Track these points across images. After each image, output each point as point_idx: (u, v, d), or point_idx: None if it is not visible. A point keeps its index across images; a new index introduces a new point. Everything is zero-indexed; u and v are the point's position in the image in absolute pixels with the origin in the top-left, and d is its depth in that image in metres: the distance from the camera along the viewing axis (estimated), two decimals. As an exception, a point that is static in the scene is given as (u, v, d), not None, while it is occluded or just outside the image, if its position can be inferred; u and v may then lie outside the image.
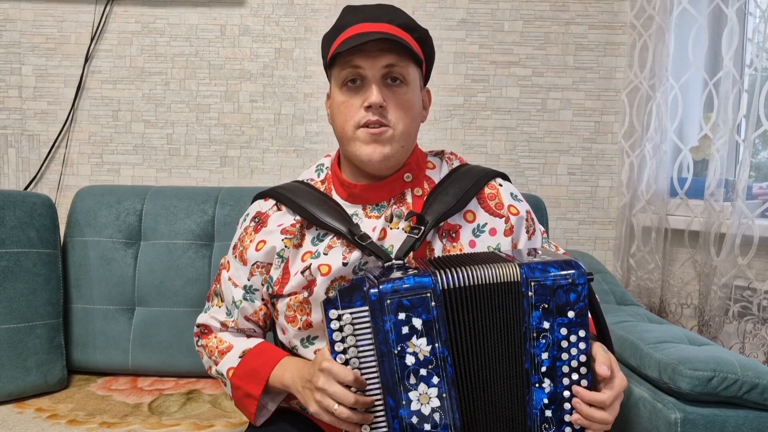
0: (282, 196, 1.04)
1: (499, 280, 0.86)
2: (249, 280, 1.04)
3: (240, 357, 1.03)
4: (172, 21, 1.91)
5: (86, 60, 1.90)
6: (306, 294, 0.98)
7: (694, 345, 1.21)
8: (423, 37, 1.03)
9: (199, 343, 1.11)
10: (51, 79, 1.91)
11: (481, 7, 1.92)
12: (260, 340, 1.07)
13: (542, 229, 1.11)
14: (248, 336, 1.10)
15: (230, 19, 1.91)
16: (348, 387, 0.84)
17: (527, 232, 1.06)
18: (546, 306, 0.86)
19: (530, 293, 0.86)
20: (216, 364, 1.06)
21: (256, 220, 1.06)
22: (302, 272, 0.98)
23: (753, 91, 1.59)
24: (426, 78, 1.08)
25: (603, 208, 1.97)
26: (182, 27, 1.91)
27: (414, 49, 0.97)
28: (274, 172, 1.95)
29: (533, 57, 1.93)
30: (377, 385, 0.84)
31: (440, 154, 1.11)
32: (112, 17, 1.90)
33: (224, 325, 1.08)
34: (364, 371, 0.84)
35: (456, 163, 1.10)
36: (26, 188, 1.93)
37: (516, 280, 0.86)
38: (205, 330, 1.11)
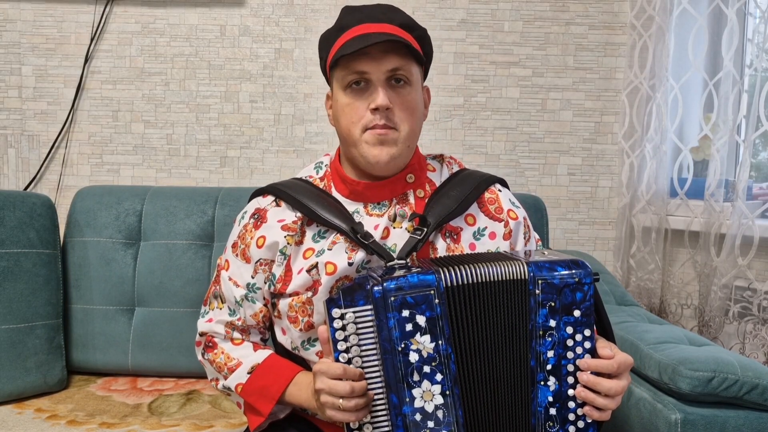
0: (281, 192, 1.04)
1: (506, 278, 0.86)
2: (253, 278, 1.03)
3: (249, 373, 1.02)
4: (171, 21, 1.91)
5: (86, 60, 1.90)
6: (309, 294, 0.98)
7: (694, 345, 1.21)
8: (422, 35, 1.03)
9: (205, 356, 1.09)
10: (51, 79, 1.91)
11: (481, 8, 1.92)
12: (268, 352, 1.05)
13: (537, 236, 1.12)
14: (254, 346, 1.08)
15: (230, 20, 1.91)
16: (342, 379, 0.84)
17: (524, 237, 1.07)
18: (552, 304, 0.86)
19: (537, 291, 0.86)
20: (225, 378, 1.05)
21: (255, 216, 1.05)
22: (308, 270, 0.98)
23: (753, 91, 1.59)
24: (424, 76, 1.08)
25: (603, 209, 1.97)
26: (182, 27, 1.91)
27: (417, 49, 0.97)
28: (273, 172, 1.95)
29: (533, 57, 1.93)
30: (380, 384, 0.84)
31: (440, 158, 1.11)
32: (112, 17, 1.90)
33: (230, 326, 1.07)
34: (366, 370, 0.85)
35: (455, 168, 1.10)
36: (26, 188, 1.93)
37: (524, 278, 0.86)
38: (210, 342, 1.08)
